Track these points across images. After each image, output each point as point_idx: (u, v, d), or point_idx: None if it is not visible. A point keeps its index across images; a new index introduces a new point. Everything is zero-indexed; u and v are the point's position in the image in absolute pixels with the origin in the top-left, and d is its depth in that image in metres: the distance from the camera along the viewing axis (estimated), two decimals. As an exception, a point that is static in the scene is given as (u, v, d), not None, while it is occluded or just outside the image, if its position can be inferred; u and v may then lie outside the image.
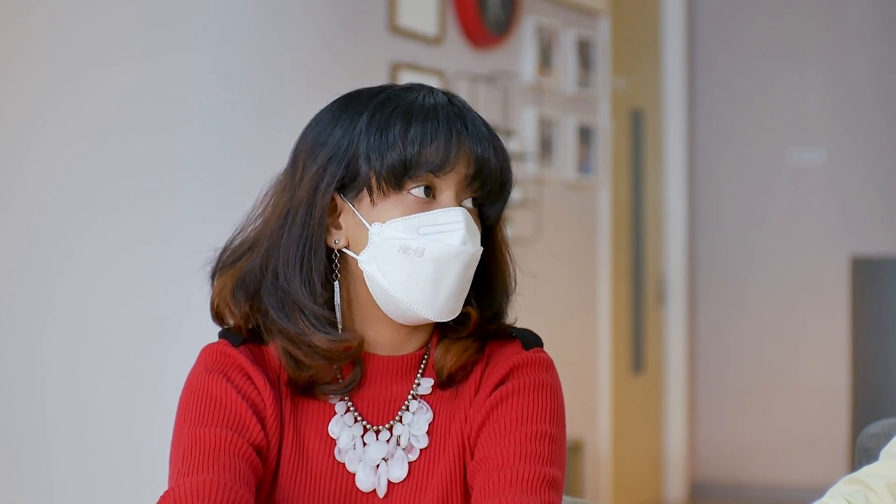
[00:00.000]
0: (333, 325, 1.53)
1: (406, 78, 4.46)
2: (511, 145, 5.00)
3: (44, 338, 3.42)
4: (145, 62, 3.60)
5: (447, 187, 1.52)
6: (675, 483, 6.56)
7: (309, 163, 1.54)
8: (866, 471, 1.57)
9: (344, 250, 1.54)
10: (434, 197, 1.52)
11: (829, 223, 6.44)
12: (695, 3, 6.73)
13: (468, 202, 1.54)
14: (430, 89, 1.57)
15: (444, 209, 1.51)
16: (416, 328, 1.57)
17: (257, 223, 1.58)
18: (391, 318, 1.54)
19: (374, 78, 4.30)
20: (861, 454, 1.96)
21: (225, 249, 1.60)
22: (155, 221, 3.62)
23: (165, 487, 1.48)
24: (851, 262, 4.38)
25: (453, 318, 1.54)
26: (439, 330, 1.58)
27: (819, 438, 6.31)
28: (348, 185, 1.53)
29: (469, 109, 1.56)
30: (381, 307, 1.54)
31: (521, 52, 5.22)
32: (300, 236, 1.53)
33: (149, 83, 3.60)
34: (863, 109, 6.45)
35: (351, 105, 1.55)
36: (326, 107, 1.59)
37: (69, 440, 3.47)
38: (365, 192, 1.52)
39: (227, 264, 1.58)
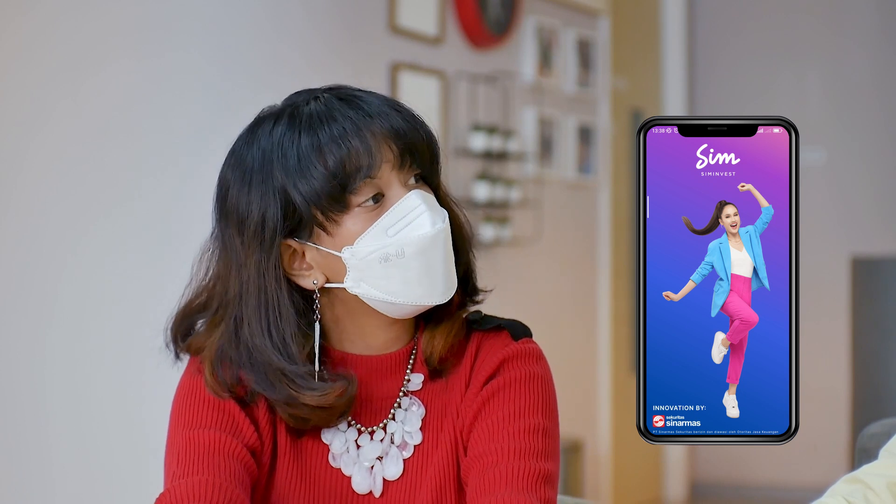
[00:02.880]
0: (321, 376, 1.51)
1: (406, 77, 4.46)
2: (511, 145, 5.00)
3: (45, 338, 3.42)
4: (145, 63, 3.60)
5: (389, 181, 1.50)
6: (675, 483, 6.55)
7: (243, 228, 1.50)
8: (866, 470, 1.57)
9: (326, 286, 1.52)
10: (383, 195, 1.50)
11: (829, 223, 6.44)
12: (695, 3, 6.73)
13: (411, 180, 1.52)
14: (314, 95, 1.52)
15: (399, 202, 1.49)
16: (403, 325, 1.56)
17: (203, 295, 1.55)
18: (395, 317, 1.53)
19: (375, 78, 4.31)
20: (861, 454, 1.96)
21: (180, 322, 1.58)
22: (155, 222, 3.62)
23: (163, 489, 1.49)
24: (851, 263, 4.38)
25: (455, 289, 1.52)
26: (423, 320, 1.57)
27: (819, 438, 6.31)
28: (296, 228, 1.50)
29: (354, 90, 1.53)
30: (385, 313, 1.52)
31: (521, 52, 5.22)
32: (258, 305, 1.49)
33: (149, 84, 3.60)
34: (863, 109, 6.45)
35: (250, 150, 1.52)
36: (225, 163, 1.55)
37: (70, 440, 3.46)
38: (317, 229, 1.49)
39: (195, 348, 1.56)
